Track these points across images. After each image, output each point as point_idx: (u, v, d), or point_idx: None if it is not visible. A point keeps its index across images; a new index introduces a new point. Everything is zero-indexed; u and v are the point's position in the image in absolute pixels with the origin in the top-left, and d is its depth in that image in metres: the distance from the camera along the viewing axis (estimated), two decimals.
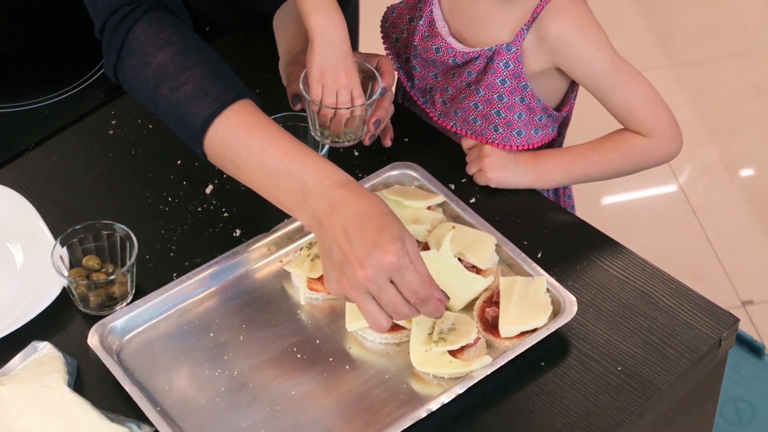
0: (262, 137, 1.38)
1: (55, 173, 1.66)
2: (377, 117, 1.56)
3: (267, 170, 1.37)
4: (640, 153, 1.60)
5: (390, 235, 1.30)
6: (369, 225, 1.30)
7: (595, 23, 1.55)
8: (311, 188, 1.34)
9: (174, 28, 1.46)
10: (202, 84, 1.41)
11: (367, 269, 1.29)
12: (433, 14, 1.63)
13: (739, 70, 3.29)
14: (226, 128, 1.39)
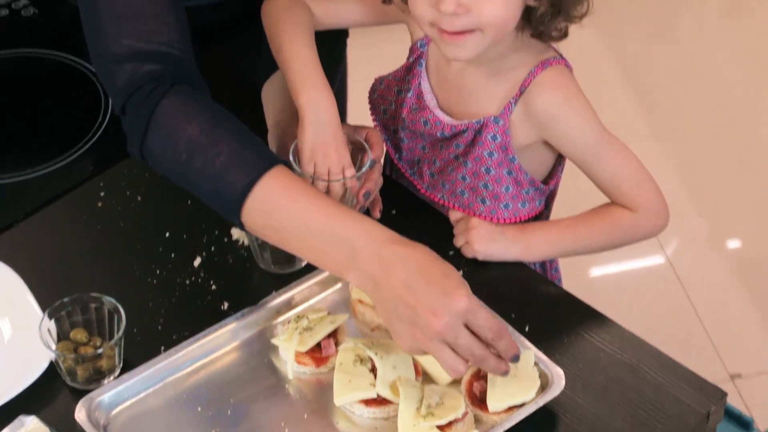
0: (304, 201, 1.38)
1: (43, 245, 1.66)
2: (366, 189, 1.57)
3: (311, 234, 1.37)
4: (626, 227, 1.61)
5: (455, 280, 1.31)
6: (431, 275, 1.31)
7: (582, 97, 1.57)
8: (360, 249, 1.34)
9: (199, 101, 1.46)
10: (236, 154, 1.40)
11: (443, 317, 1.29)
12: (421, 87, 1.64)
13: (724, 142, 3.31)
14: (266, 195, 1.38)
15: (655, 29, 3.71)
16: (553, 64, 1.56)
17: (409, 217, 1.68)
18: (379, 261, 1.33)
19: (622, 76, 3.53)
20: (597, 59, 3.55)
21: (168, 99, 1.44)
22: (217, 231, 1.66)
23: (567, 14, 1.49)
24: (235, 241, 1.65)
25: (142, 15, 1.45)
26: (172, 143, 1.44)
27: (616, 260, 2.93)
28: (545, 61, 1.56)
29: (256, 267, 1.61)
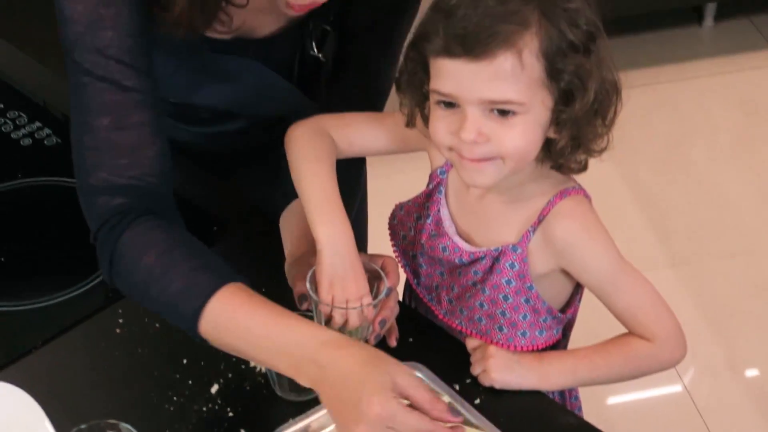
0: (245, 318, 1.43)
1: (61, 372, 1.66)
2: (382, 317, 1.57)
3: (258, 348, 1.43)
4: (643, 358, 1.61)
5: (371, 387, 1.33)
6: (350, 381, 1.34)
7: (600, 227, 1.58)
8: (300, 355, 1.39)
9: (159, 230, 1.50)
10: (187, 280, 1.46)
11: (360, 426, 1.32)
12: (440, 213, 1.66)
13: (740, 270, 3.31)
14: (215, 318, 1.44)
15: (669, 159, 3.74)
16: (572, 194, 1.57)
17: (426, 345, 1.68)
18: (315, 366, 1.38)
19: (637, 205, 3.55)
20: (611, 188, 3.57)
21: (130, 231, 1.50)
22: (234, 358, 1.66)
23: (587, 148, 1.50)
24: (252, 368, 1.65)
25: (119, 148, 1.51)
26: (132, 274, 1.50)
27: (634, 388, 2.91)
28: (564, 191, 1.57)
29: (274, 394, 1.61)
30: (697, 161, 3.73)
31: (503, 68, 1.40)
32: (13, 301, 1.78)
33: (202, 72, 1.74)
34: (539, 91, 1.43)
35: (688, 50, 4.19)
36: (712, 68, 4.12)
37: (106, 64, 1.51)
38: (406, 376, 1.36)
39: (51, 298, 1.78)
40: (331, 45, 1.75)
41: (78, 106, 1.53)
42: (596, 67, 1.43)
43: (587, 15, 1.43)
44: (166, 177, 1.55)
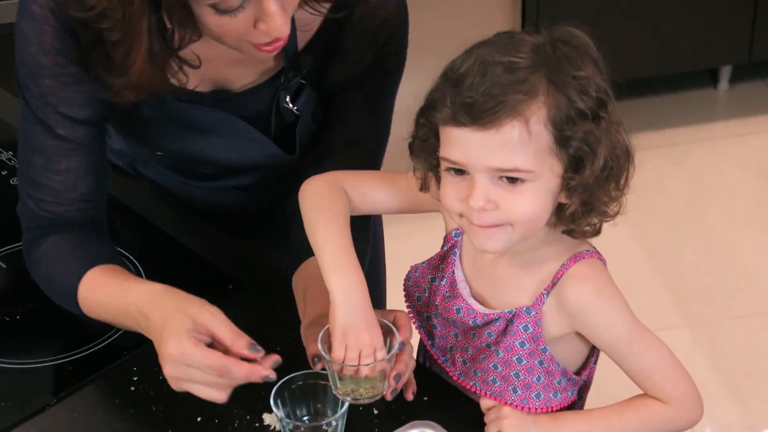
0: (102, 294, 1.66)
1: (75, 429, 1.66)
2: (397, 371, 1.57)
3: (114, 315, 1.65)
4: (659, 420, 1.60)
5: (169, 329, 1.49)
6: (160, 328, 1.51)
7: (614, 290, 1.58)
8: (135, 312, 1.57)
9: (66, 243, 1.72)
10: (68, 269, 1.70)
11: (165, 366, 1.49)
12: (455, 275, 1.66)
13: (755, 330, 3.30)
14: (83, 298, 1.68)
15: (684, 220, 3.74)
16: (586, 257, 1.58)
17: (441, 404, 1.67)
18: (144, 318, 1.55)
19: (651, 266, 3.54)
20: (626, 249, 3.57)
21: (44, 243, 1.73)
22: (248, 416, 1.66)
23: (599, 212, 1.50)
24: (266, 427, 1.65)
25: (47, 188, 1.72)
26: (39, 269, 1.75)
27: None
28: (578, 254, 1.57)
29: None
30: (712, 222, 3.73)
31: (510, 137, 1.41)
32: (27, 358, 1.79)
33: (177, 123, 1.78)
34: (548, 158, 1.44)
35: (704, 112, 4.20)
36: (728, 130, 4.13)
37: (44, 109, 1.67)
38: (209, 316, 1.50)
39: (65, 356, 1.79)
40: (308, 100, 1.76)
41: (23, 137, 1.72)
42: (606, 133, 1.43)
43: (597, 82, 1.44)
44: (87, 212, 1.75)
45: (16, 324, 1.86)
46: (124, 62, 1.56)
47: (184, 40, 1.55)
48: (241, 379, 1.49)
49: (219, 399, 1.51)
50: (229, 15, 1.50)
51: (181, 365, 1.48)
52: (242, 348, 1.49)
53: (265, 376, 1.50)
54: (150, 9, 1.50)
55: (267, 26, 1.51)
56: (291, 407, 1.61)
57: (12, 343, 1.82)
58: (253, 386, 1.68)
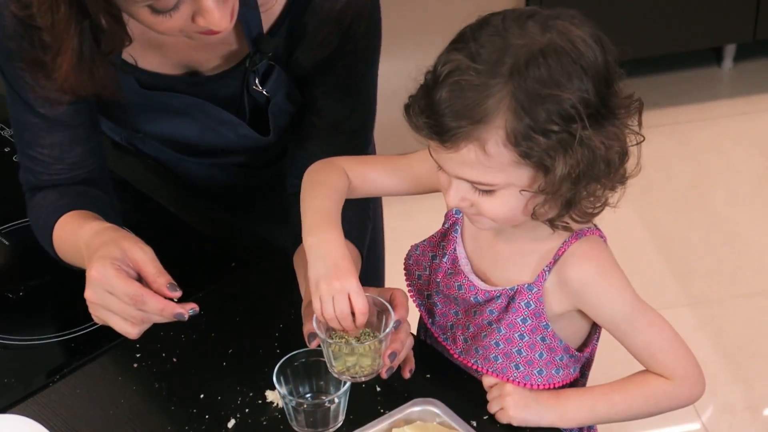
0: (65, 235, 1.73)
1: (78, 406, 1.67)
2: (393, 350, 1.57)
3: (74, 255, 1.71)
4: (661, 396, 1.61)
5: (97, 256, 1.55)
6: (90, 251, 1.58)
7: (616, 267, 1.58)
8: (85, 247, 1.62)
9: (57, 194, 1.78)
10: (49, 216, 1.77)
11: (87, 289, 1.54)
12: (456, 252, 1.66)
13: (758, 310, 3.30)
14: (56, 241, 1.75)
15: (687, 199, 3.74)
16: (588, 234, 1.58)
17: (443, 381, 1.67)
18: (89, 252, 1.60)
19: (655, 245, 3.54)
20: (629, 228, 3.57)
21: (37, 196, 1.81)
22: (251, 393, 1.66)
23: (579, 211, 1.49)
24: (269, 403, 1.65)
25: (36, 160, 1.78)
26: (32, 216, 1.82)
27: (653, 426, 2.88)
28: (579, 232, 1.57)
29: (290, 429, 1.61)
30: (715, 202, 3.73)
31: (468, 158, 1.43)
32: (30, 335, 1.79)
33: (150, 107, 1.78)
34: (513, 170, 1.44)
35: (708, 91, 4.19)
36: (732, 109, 4.12)
37: (23, 89, 1.71)
38: (140, 252, 1.55)
39: (68, 333, 1.79)
40: (279, 81, 1.75)
41: (11, 113, 1.78)
42: (579, 143, 1.41)
43: (573, 99, 1.39)
44: (79, 176, 1.80)
45: (19, 301, 1.86)
46: (52, 65, 1.59)
47: (115, 46, 1.57)
48: (155, 313, 1.53)
49: (131, 333, 1.55)
50: (164, 15, 1.51)
51: (100, 289, 1.53)
52: (162, 285, 1.54)
53: (178, 314, 1.54)
54: (78, 16, 1.51)
55: (205, 21, 1.52)
56: (293, 384, 1.62)
57: (15, 320, 1.83)
58: (255, 364, 1.69)
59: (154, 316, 1.54)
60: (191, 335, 1.77)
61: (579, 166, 1.42)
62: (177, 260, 1.91)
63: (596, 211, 1.50)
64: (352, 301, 1.50)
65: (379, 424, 1.58)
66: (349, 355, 1.55)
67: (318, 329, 1.54)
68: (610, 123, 1.44)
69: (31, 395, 1.68)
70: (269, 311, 1.79)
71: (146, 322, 1.56)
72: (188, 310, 1.55)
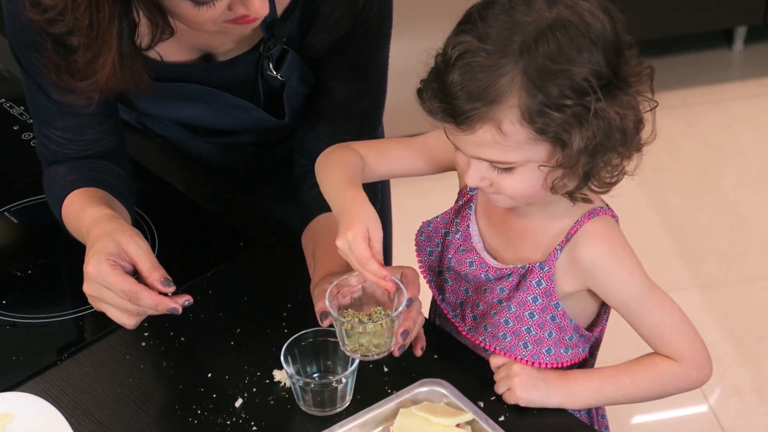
0: (71, 215, 1.74)
1: (86, 384, 1.67)
2: (405, 328, 1.57)
3: (78, 236, 1.73)
4: (669, 378, 1.61)
5: (93, 251, 1.57)
6: (89, 248, 1.60)
7: (627, 249, 1.58)
8: (85, 234, 1.65)
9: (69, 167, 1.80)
10: (61, 190, 1.78)
11: (84, 284, 1.57)
12: (469, 229, 1.66)
13: (767, 292, 3.29)
14: (64, 216, 1.77)
15: (697, 181, 3.73)
16: (600, 214, 1.57)
17: (451, 362, 1.67)
18: (89, 240, 1.63)
19: (664, 227, 3.53)
20: (638, 210, 3.56)
21: (51, 168, 1.82)
22: (259, 372, 1.67)
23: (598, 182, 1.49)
24: (276, 383, 1.65)
25: (51, 140, 1.80)
26: (46, 189, 1.83)
27: (659, 408, 2.90)
28: (592, 211, 1.57)
29: (297, 409, 1.61)
30: (725, 184, 3.72)
31: (484, 138, 1.43)
32: (39, 314, 1.79)
33: (164, 96, 1.78)
34: (530, 147, 1.44)
35: (718, 73, 4.18)
36: (742, 91, 4.11)
37: (37, 75, 1.72)
38: (135, 246, 1.57)
39: (77, 311, 1.79)
40: (293, 65, 1.75)
41: (26, 94, 1.79)
42: (595, 116, 1.40)
43: (585, 72, 1.39)
44: (94, 151, 1.81)
45: (28, 279, 1.87)
46: (90, 67, 1.57)
47: (155, 39, 1.55)
48: (149, 307, 1.56)
49: (127, 324, 1.59)
50: (207, 5, 1.50)
51: (96, 284, 1.56)
52: (156, 281, 1.56)
53: (172, 308, 1.56)
54: (121, 14, 1.50)
55: (246, 9, 1.52)
56: (301, 364, 1.62)
57: (23, 299, 1.83)
58: (263, 343, 1.69)
59: (149, 310, 1.57)
60: (199, 315, 1.77)
61: (595, 138, 1.41)
62: (186, 239, 1.92)
63: (615, 180, 1.50)
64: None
65: (387, 404, 1.59)
66: (362, 333, 1.55)
67: (330, 308, 1.54)
68: (623, 92, 1.43)
69: (40, 373, 1.69)
70: (277, 291, 1.79)
71: (142, 315, 1.59)
72: (182, 302, 1.57)
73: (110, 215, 1.67)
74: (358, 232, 1.49)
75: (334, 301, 1.55)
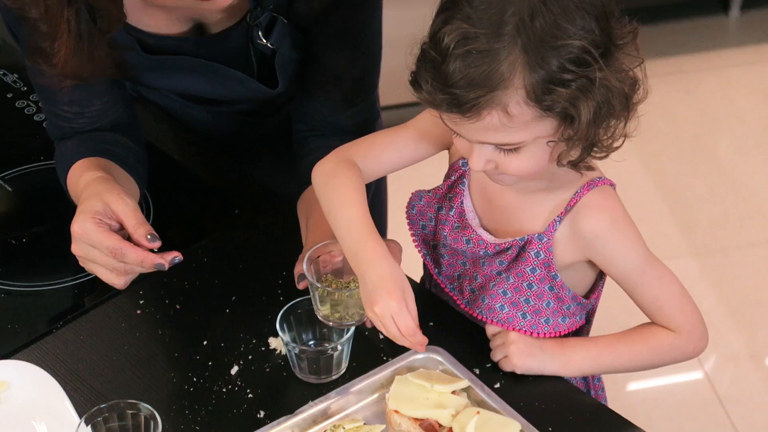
0: (73, 183, 1.73)
1: (82, 352, 1.67)
2: None
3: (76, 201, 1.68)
4: (667, 348, 1.61)
5: (79, 210, 1.59)
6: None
7: (628, 220, 1.57)
8: (78, 198, 1.67)
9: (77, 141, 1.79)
10: (69, 159, 1.77)
11: (72, 243, 1.58)
12: (464, 205, 1.65)
13: (762, 259, 3.30)
14: (69, 184, 1.76)
15: (692, 148, 3.73)
16: (599, 184, 1.57)
17: (446, 329, 1.68)
18: (79, 204, 1.63)
19: (659, 195, 3.53)
20: (634, 178, 3.56)
21: (61, 143, 1.82)
22: (254, 340, 1.67)
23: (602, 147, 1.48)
24: (272, 350, 1.65)
25: (56, 115, 1.80)
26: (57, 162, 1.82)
27: (655, 375, 2.90)
28: (591, 182, 1.56)
29: (293, 376, 1.61)
30: (721, 151, 3.72)
31: (491, 123, 1.40)
32: (34, 282, 1.79)
33: (157, 67, 1.77)
34: (536, 125, 1.42)
35: (714, 40, 4.17)
36: (738, 58, 4.10)
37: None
38: (122, 204, 1.58)
39: (72, 279, 1.79)
40: (283, 32, 1.74)
41: (29, 69, 1.76)
42: (598, 86, 1.39)
43: (581, 42, 1.37)
44: (101, 123, 1.80)
45: (23, 247, 1.86)
46: (50, 51, 1.58)
47: (112, 24, 1.57)
48: (135, 263, 1.56)
49: (117, 284, 1.60)
50: None
51: (82, 243, 1.57)
52: (141, 236, 1.57)
53: (158, 264, 1.56)
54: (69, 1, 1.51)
55: None
56: (297, 332, 1.62)
57: (18, 267, 1.83)
58: (259, 311, 1.69)
59: (136, 267, 1.57)
60: (195, 282, 1.77)
61: (601, 107, 1.40)
62: (181, 207, 1.92)
63: (617, 144, 1.48)
64: (397, 322, 1.48)
65: (382, 371, 1.59)
66: (335, 300, 1.55)
67: (307, 271, 1.55)
68: (617, 55, 1.42)
69: (35, 341, 1.68)
70: (273, 259, 1.79)
71: (130, 273, 1.59)
72: (169, 259, 1.57)
73: (102, 177, 1.67)
74: (401, 302, 1.47)
75: (311, 265, 1.56)
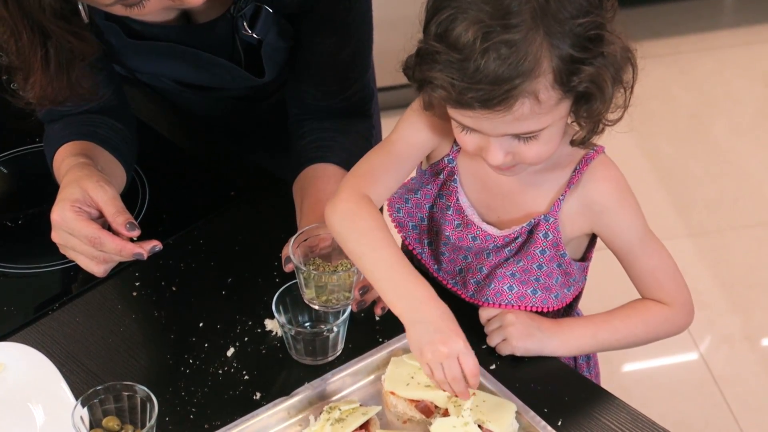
0: (58, 167, 1.72)
1: (78, 334, 1.67)
2: (363, 284, 1.58)
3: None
4: (661, 321, 1.62)
5: (59, 197, 1.60)
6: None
7: (631, 190, 1.58)
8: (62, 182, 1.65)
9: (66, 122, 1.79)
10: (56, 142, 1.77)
11: (52, 231, 1.59)
12: (460, 202, 1.63)
13: (757, 240, 3.30)
14: (54, 165, 1.75)
15: (688, 129, 3.73)
16: (594, 156, 1.57)
17: None
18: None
19: (655, 176, 3.53)
20: (630, 158, 3.56)
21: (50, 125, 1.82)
22: (250, 322, 1.67)
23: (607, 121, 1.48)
24: (268, 332, 1.66)
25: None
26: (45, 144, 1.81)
27: (650, 356, 2.91)
28: (587, 156, 1.56)
29: (289, 358, 1.62)
30: (716, 132, 3.72)
31: (522, 112, 1.39)
32: (30, 264, 1.79)
33: (143, 52, 1.77)
34: (558, 108, 1.42)
35: (710, 20, 4.16)
36: (734, 39, 4.09)
37: None
38: (101, 192, 1.58)
39: (68, 261, 1.78)
40: (267, 22, 1.73)
41: None
42: (611, 64, 1.40)
43: (590, 16, 1.37)
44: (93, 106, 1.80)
45: (19, 229, 1.86)
46: (24, 85, 1.61)
47: (86, 56, 1.60)
48: (113, 252, 1.56)
49: (96, 271, 1.61)
50: (137, 6, 1.52)
51: (62, 232, 1.58)
52: (120, 225, 1.57)
53: (137, 254, 1.56)
54: (41, 39, 1.53)
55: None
56: (293, 313, 1.62)
57: (14, 249, 1.83)
58: (254, 292, 1.69)
59: (115, 256, 1.57)
60: (190, 264, 1.77)
61: (613, 80, 1.41)
62: (176, 189, 1.92)
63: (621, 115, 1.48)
64: (462, 363, 1.43)
65: (378, 353, 1.59)
66: (321, 284, 1.55)
67: (293, 254, 1.55)
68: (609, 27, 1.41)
69: (31, 323, 1.69)
70: (268, 240, 1.79)
71: (110, 262, 1.59)
72: (148, 248, 1.57)
73: (82, 163, 1.67)
74: (467, 343, 1.43)
75: (298, 248, 1.56)
